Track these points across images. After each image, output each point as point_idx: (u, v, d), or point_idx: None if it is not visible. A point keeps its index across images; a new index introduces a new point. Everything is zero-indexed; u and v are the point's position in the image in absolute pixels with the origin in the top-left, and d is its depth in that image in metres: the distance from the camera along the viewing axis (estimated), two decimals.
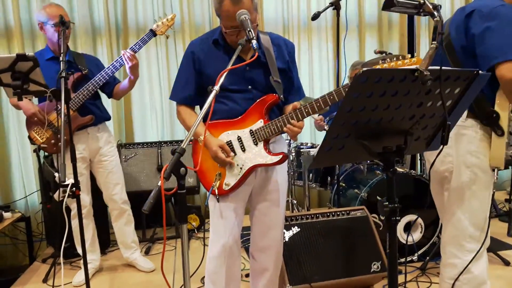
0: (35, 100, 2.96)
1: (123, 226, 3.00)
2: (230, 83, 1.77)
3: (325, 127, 3.36)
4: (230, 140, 1.82)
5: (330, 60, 4.50)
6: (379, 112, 1.21)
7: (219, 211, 1.86)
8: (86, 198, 2.84)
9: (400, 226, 2.81)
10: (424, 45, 4.57)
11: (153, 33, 2.76)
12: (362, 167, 3.18)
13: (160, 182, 1.19)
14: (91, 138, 2.85)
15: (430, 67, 1.19)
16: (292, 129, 1.72)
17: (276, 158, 1.79)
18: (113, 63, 2.73)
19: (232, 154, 1.81)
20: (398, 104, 1.23)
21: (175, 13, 2.85)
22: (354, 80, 1.10)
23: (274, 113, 1.87)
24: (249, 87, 1.82)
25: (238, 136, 1.82)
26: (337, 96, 1.66)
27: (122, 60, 2.70)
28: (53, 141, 2.72)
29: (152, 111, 4.15)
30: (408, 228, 2.84)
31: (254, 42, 1.61)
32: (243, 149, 1.81)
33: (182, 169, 1.28)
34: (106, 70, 2.73)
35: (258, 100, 1.81)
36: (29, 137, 2.74)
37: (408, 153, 1.37)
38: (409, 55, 1.56)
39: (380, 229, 2.73)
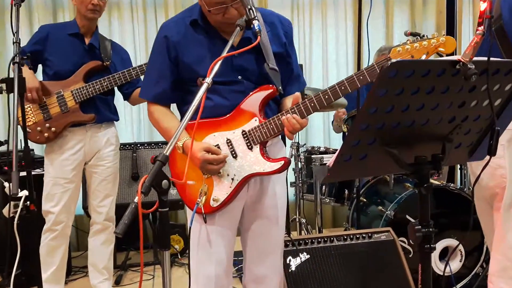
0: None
1: (100, 245, 3.02)
2: (216, 74, 1.69)
3: (343, 128, 3.37)
4: (218, 144, 1.81)
5: (349, 44, 4.52)
6: (411, 113, 1.22)
7: (205, 235, 1.85)
8: (66, 212, 2.85)
9: (435, 253, 2.82)
10: (467, 26, 4.59)
11: None
12: (388, 178, 3.18)
13: (136, 198, 1.20)
14: (90, 137, 2.89)
15: (475, 58, 1.20)
16: (293, 124, 1.71)
17: (276, 165, 1.78)
18: (141, 65, 2.80)
19: (223, 153, 1.79)
20: (434, 103, 1.23)
21: None
22: (381, 75, 1.10)
23: (270, 108, 1.86)
24: (239, 77, 1.81)
25: (228, 139, 1.80)
26: (350, 86, 1.67)
27: None
28: (39, 128, 2.76)
29: (126, 105, 4.17)
30: (445, 255, 2.84)
31: (256, 23, 1.61)
32: (235, 155, 1.80)
33: (165, 181, 1.29)
34: (132, 70, 2.80)
35: (251, 93, 1.81)
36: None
37: (447, 164, 1.38)
38: (435, 34, 1.57)
39: (410, 256, 2.73)
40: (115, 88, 2.94)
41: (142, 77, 2.85)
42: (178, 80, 1.85)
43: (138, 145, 3.74)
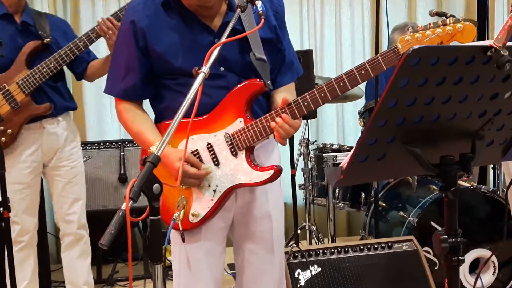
0: None
1: (76, 259, 3.01)
2: (190, 64, 1.67)
3: (359, 122, 3.37)
4: (197, 150, 1.78)
5: (366, 26, 4.51)
6: (436, 106, 1.22)
7: (185, 256, 1.82)
8: (30, 220, 2.86)
9: (464, 265, 2.81)
10: (501, 6, 4.56)
11: None
12: (410, 179, 3.19)
13: (124, 204, 1.20)
14: (47, 134, 2.85)
15: (509, 43, 1.19)
16: (285, 129, 1.68)
17: (264, 175, 1.74)
18: (87, 33, 2.73)
19: (204, 165, 1.76)
20: (463, 95, 1.23)
21: None
22: (401, 63, 1.10)
23: (259, 105, 1.83)
24: (221, 69, 1.76)
25: (208, 144, 1.77)
26: (350, 82, 1.64)
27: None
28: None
29: (112, 99, 4.16)
30: (475, 267, 2.84)
31: (259, 3, 1.60)
32: (216, 163, 1.77)
33: (156, 186, 1.28)
34: (78, 42, 2.72)
35: (234, 89, 1.76)
36: None
37: (478, 164, 1.37)
38: (452, 18, 1.56)
39: (436, 268, 2.73)
40: (65, 73, 2.90)
41: (91, 48, 2.82)
42: (150, 73, 1.80)
43: (126, 142, 3.72)
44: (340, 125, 4.52)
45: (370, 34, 4.49)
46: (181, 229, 1.74)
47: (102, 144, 3.70)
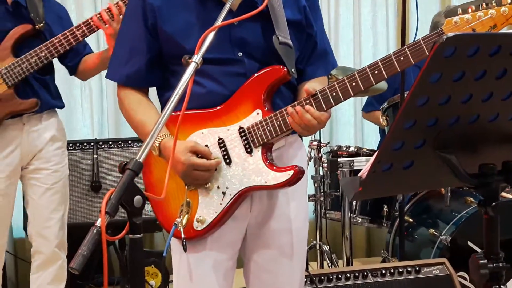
0: None
1: (47, 284, 3.01)
2: (206, 49, 1.70)
3: (382, 121, 3.37)
4: (207, 145, 1.82)
5: (390, 5, 4.52)
6: (475, 105, 1.22)
7: (187, 268, 1.85)
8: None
9: None
10: None
11: None
12: (443, 190, 3.19)
13: (99, 220, 1.20)
14: (28, 132, 2.88)
15: None
16: (307, 119, 1.71)
17: (282, 177, 1.77)
18: (87, 21, 2.76)
19: (214, 156, 1.80)
20: (506, 92, 1.24)
21: None
22: (433, 54, 1.11)
23: (282, 98, 1.87)
24: (239, 54, 1.82)
25: (220, 139, 1.82)
26: (386, 70, 1.67)
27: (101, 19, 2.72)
28: None
29: (84, 90, 4.20)
30: None
31: None
32: (228, 161, 1.81)
33: (138, 198, 1.29)
34: (75, 30, 2.75)
35: (253, 77, 1.81)
36: None
37: None
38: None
39: None
40: (55, 64, 2.93)
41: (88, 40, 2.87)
42: (157, 57, 1.86)
43: (101, 143, 3.74)
44: (358, 123, 4.54)
45: (394, 15, 4.50)
46: (183, 237, 1.77)
47: (71, 144, 3.69)
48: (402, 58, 1.65)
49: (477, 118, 1.25)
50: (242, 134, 1.80)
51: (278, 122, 1.76)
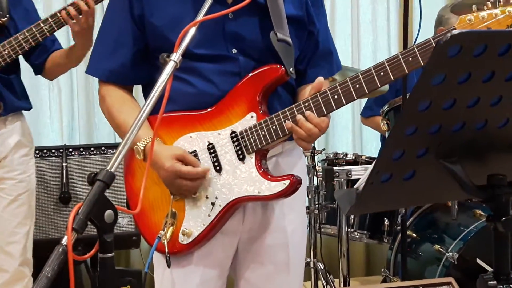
0: None
1: None
2: (196, 45, 1.75)
3: (382, 126, 3.39)
4: (195, 151, 1.84)
5: (392, 5, 4.55)
6: (482, 110, 1.23)
7: (170, 286, 1.87)
8: None
9: None
10: None
11: None
12: (449, 202, 3.21)
13: (65, 238, 1.20)
14: None
15: None
16: (305, 125, 1.73)
17: (277, 187, 1.79)
18: (55, 14, 2.76)
19: (201, 165, 1.81)
20: None
21: None
22: (435, 54, 1.13)
23: (279, 100, 1.89)
24: (233, 51, 1.85)
25: (209, 144, 1.84)
26: (393, 71, 1.69)
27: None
28: None
29: (53, 90, 4.19)
30: None
31: None
32: (218, 168, 1.83)
33: (109, 212, 1.30)
34: (42, 25, 2.76)
35: (247, 76, 1.83)
36: None
37: None
38: None
39: None
40: (21, 61, 2.94)
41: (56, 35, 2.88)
42: (144, 51, 1.88)
43: (70, 150, 3.74)
44: (356, 128, 4.56)
45: (396, 7, 4.53)
46: (167, 251, 1.78)
47: (38, 151, 3.67)
48: (410, 59, 1.67)
49: (485, 124, 1.26)
50: (235, 139, 1.82)
51: (274, 127, 1.78)
